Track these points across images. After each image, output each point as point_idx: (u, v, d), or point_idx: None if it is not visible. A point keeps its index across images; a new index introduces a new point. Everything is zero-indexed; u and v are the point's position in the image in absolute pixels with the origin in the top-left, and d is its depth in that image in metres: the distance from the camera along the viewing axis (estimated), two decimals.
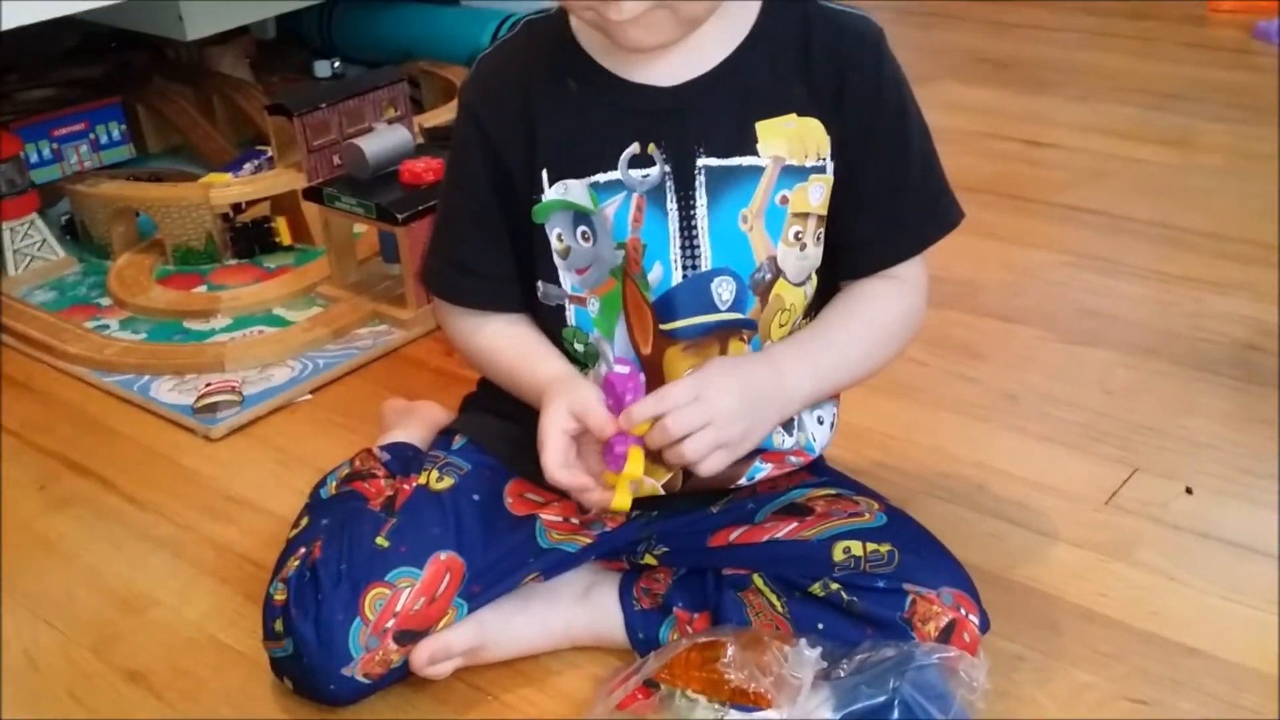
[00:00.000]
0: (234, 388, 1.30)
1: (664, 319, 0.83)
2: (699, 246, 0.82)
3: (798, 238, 0.83)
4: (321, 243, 1.52)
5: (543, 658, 0.92)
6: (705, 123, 0.81)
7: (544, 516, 0.90)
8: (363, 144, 1.41)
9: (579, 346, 0.86)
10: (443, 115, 1.75)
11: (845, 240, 0.86)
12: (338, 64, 2.15)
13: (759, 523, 0.90)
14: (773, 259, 0.83)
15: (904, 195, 0.86)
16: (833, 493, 0.92)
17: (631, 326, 0.84)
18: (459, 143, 0.89)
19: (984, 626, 0.85)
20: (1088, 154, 1.78)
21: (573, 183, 0.83)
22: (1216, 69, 2.09)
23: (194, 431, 1.25)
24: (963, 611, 0.83)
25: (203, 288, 1.53)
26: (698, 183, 0.81)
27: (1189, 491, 1.05)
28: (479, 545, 0.88)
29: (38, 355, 1.41)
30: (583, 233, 0.83)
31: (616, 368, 0.80)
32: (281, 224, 1.59)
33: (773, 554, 0.88)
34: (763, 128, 0.81)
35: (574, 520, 0.91)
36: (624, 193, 0.82)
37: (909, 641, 0.81)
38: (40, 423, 1.29)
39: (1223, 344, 1.28)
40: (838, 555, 0.86)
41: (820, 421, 0.92)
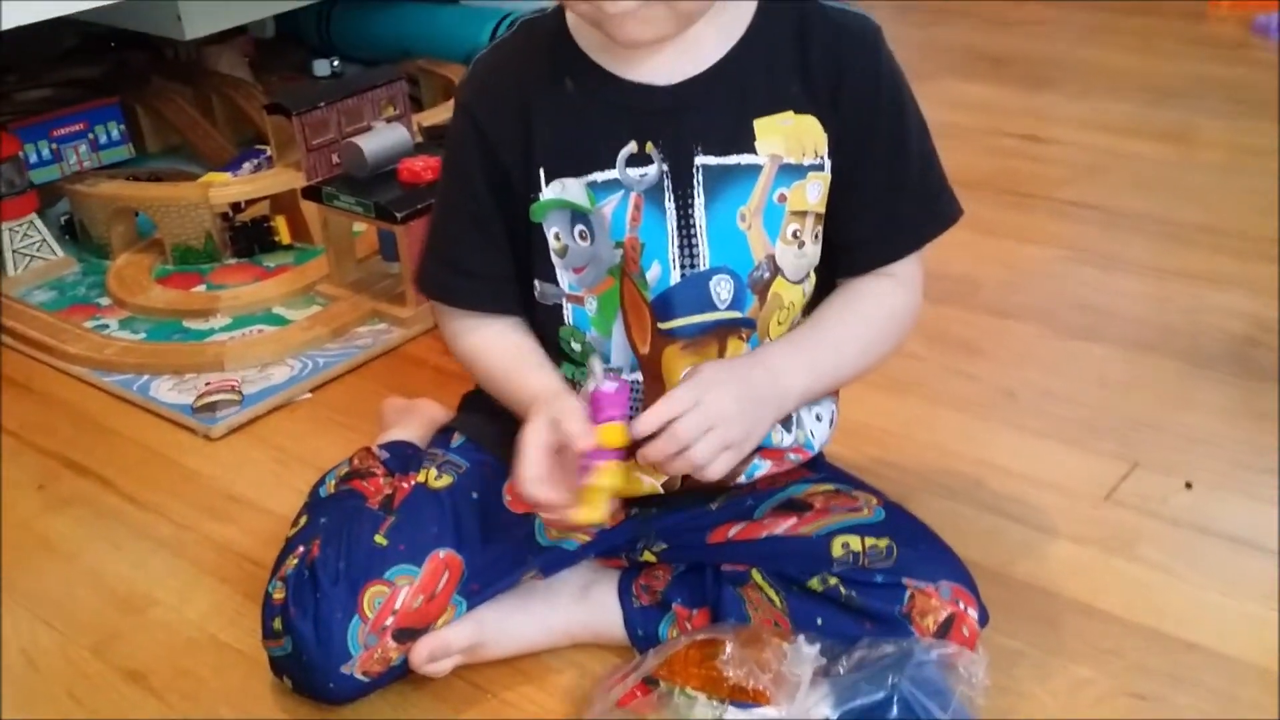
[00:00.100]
0: (233, 387, 1.30)
1: (662, 318, 0.83)
2: (697, 245, 0.82)
3: (795, 236, 0.83)
4: (321, 241, 1.52)
5: (542, 655, 0.92)
6: (703, 121, 0.81)
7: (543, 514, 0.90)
8: (361, 143, 1.41)
9: (576, 345, 0.86)
10: (441, 114, 1.75)
11: (843, 238, 0.86)
12: (336, 63, 2.15)
13: (758, 519, 0.90)
14: (771, 257, 0.83)
15: (902, 193, 0.86)
16: (831, 488, 0.92)
17: (629, 325, 0.84)
18: (455, 142, 0.88)
19: (983, 620, 0.85)
20: (1087, 150, 1.78)
21: (570, 181, 0.82)
22: (1215, 64, 2.09)
23: (194, 431, 1.25)
24: (961, 606, 0.83)
25: (202, 287, 1.53)
26: (695, 181, 0.81)
27: (1188, 487, 1.05)
28: (478, 543, 0.88)
29: (37, 355, 1.41)
30: (580, 232, 0.83)
31: (605, 384, 0.78)
32: (281, 223, 1.59)
33: (772, 550, 0.88)
34: (760, 125, 0.81)
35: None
36: (622, 192, 0.82)
37: (908, 638, 0.82)
38: (40, 423, 1.29)
39: (1221, 339, 1.28)
40: (836, 550, 0.86)
41: (819, 419, 0.92)
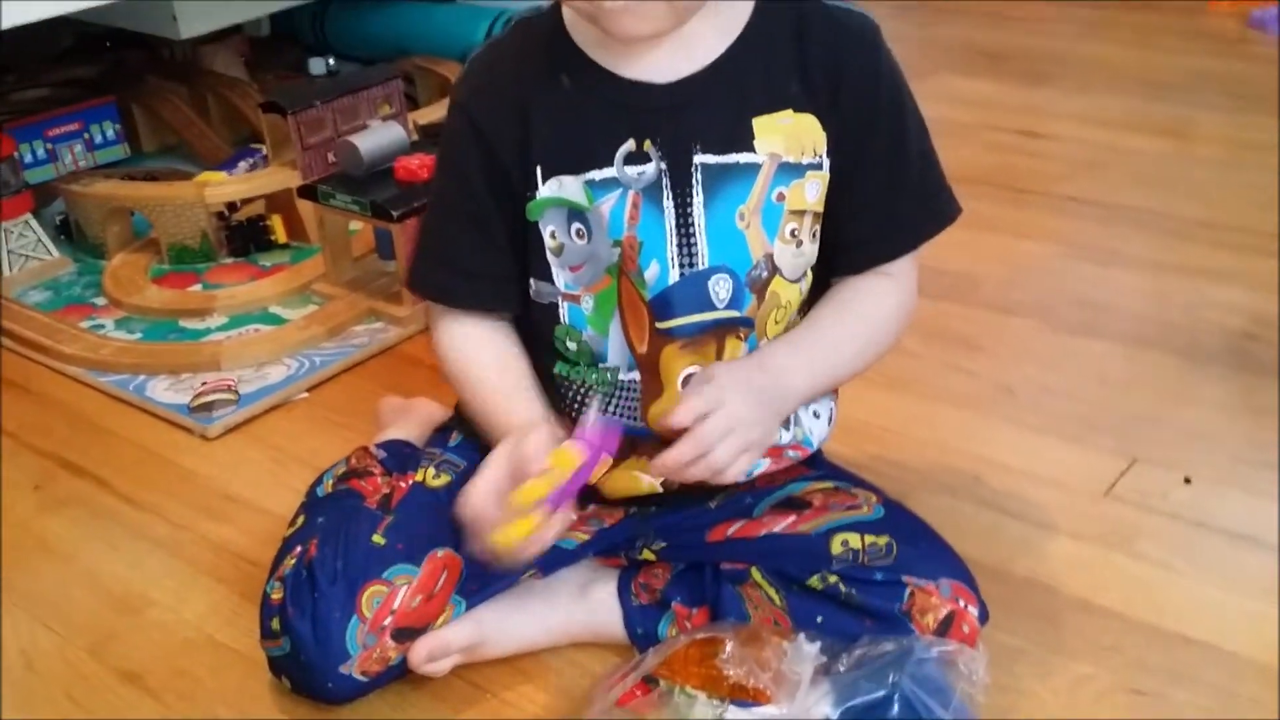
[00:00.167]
0: (230, 386, 1.30)
1: (661, 317, 0.83)
2: (696, 244, 0.82)
3: (794, 235, 0.83)
4: (317, 240, 1.51)
5: (541, 654, 0.91)
6: (701, 119, 0.80)
7: None
8: (357, 141, 1.41)
9: (572, 344, 0.86)
10: (437, 112, 1.75)
11: (841, 237, 0.85)
12: (332, 61, 2.14)
13: (757, 517, 0.90)
14: (769, 256, 0.83)
15: (901, 192, 0.85)
16: (830, 486, 0.91)
17: (627, 324, 0.84)
18: (451, 141, 0.87)
19: (983, 618, 0.84)
20: (1085, 145, 1.78)
21: (567, 179, 0.82)
22: (1213, 59, 2.09)
23: (190, 431, 1.25)
24: (961, 603, 0.83)
25: (198, 286, 1.53)
26: (694, 180, 0.81)
27: (1187, 482, 1.05)
28: None
29: (33, 355, 1.41)
30: (577, 230, 0.83)
31: (593, 422, 0.76)
32: (277, 222, 1.59)
33: (771, 548, 0.88)
34: (759, 124, 0.81)
35: (572, 516, 0.90)
36: (620, 190, 0.81)
37: (908, 635, 0.81)
38: (36, 423, 1.29)
39: (1220, 334, 1.27)
40: (836, 548, 0.86)
41: (817, 416, 0.91)
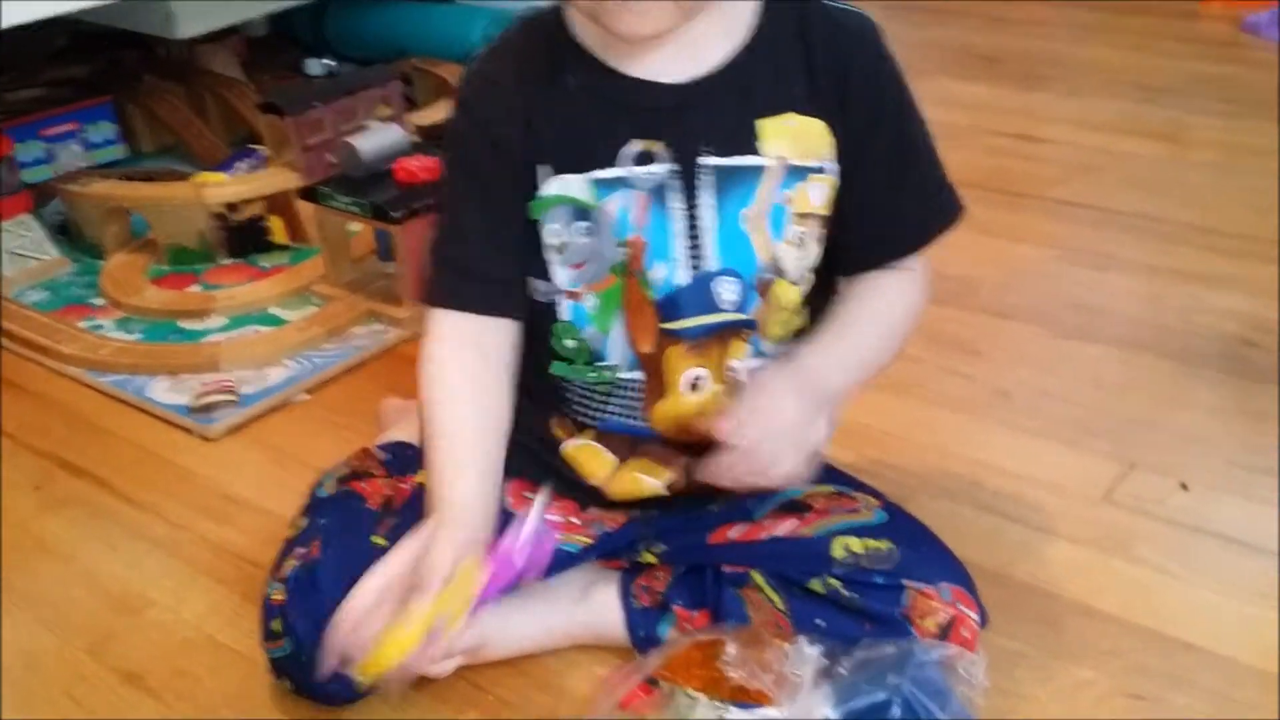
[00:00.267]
0: (230, 388, 1.29)
1: (668, 318, 0.83)
2: (703, 246, 0.82)
3: (799, 238, 0.83)
4: (316, 242, 1.51)
5: (543, 656, 0.92)
6: (709, 121, 0.80)
7: (545, 516, 0.90)
8: (357, 142, 1.41)
9: (570, 343, 0.85)
10: (436, 113, 1.75)
11: (853, 235, 0.86)
12: (329, 62, 2.14)
13: (758, 520, 0.90)
14: (774, 259, 0.83)
15: (911, 189, 0.86)
16: (831, 490, 0.92)
17: (630, 324, 0.84)
18: (458, 142, 0.86)
19: (983, 622, 0.85)
20: (1080, 149, 1.79)
21: (571, 178, 0.82)
22: (1207, 63, 2.10)
23: (190, 431, 1.25)
24: (961, 608, 0.83)
25: (197, 287, 1.53)
26: (703, 182, 0.81)
27: (1184, 488, 1.06)
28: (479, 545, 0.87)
29: (32, 356, 1.41)
30: (582, 228, 0.82)
31: (525, 536, 0.73)
32: (276, 223, 1.59)
33: (772, 551, 0.88)
34: (765, 127, 0.81)
35: (574, 520, 0.90)
36: (626, 190, 0.81)
37: (909, 638, 0.82)
38: (35, 423, 1.29)
39: (1216, 339, 1.28)
40: (837, 552, 0.86)
41: None
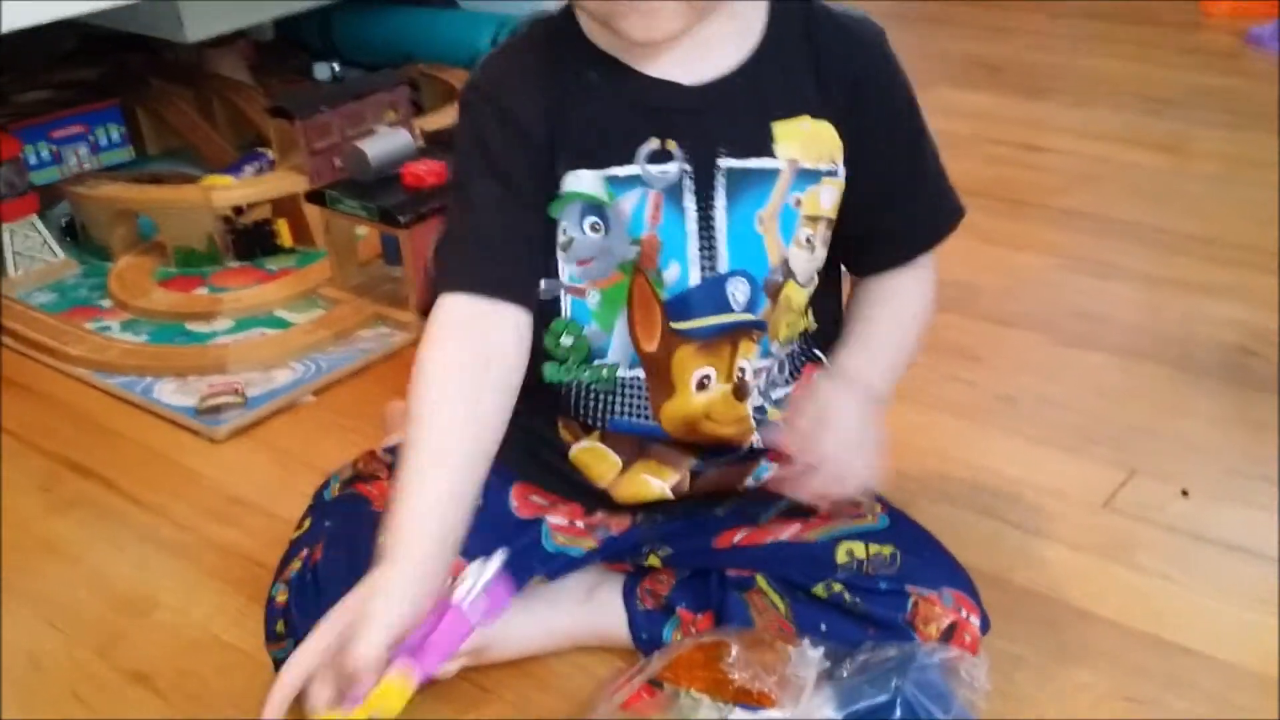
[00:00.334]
0: (236, 389, 1.30)
1: (678, 318, 0.83)
2: (716, 247, 0.82)
3: (808, 240, 0.84)
4: (323, 245, 1.52)
5: (547, 657, 0.92)
6: (726, 123, 0.80)
7: (550, 520, 0.90)
8: (364, 146, 1.42)
9: (567, 340, 0.84)
10: (443, 118, 1.76)
11: (870, 235, 0.87)
12: (336, 67, 2.15)
13: (762, 524, 0.90)
14: (785, 261, 0.83)
15: (924, 186, 0.88)
16: None
17: (634, 322, 0.83)
18: (478, 131, 0.82)
19: (984, 627, 0.85)
20: (1083, 158, 1.79)
21: (585, 174, 0.80)
22: (1211, 74, 2.10)
23: (197, 433, 1.26)
24: (963, 613, 0.84)
25: (204, 290, 1.54)
26: (718, 183, 0.81)
27: (1184, 494, 1.06)
28: (483, 548, 0.86)
29: (39, 357, 1.42)
30: (592, 224, 0.81)
31: (473, 594, 0.70)
32: (283, 226, 1.59)
33: (776, 555, 0.89)
34: (779, 129, 0.81)
35: (580, 524, 0.91)
36: (641, 188, 0.80)
37: (911, 642, 0.82)
38: (42, 425, 1.29)
39: (1216, 348, 1.28)
40: (840, 557, 0.87)
41: None
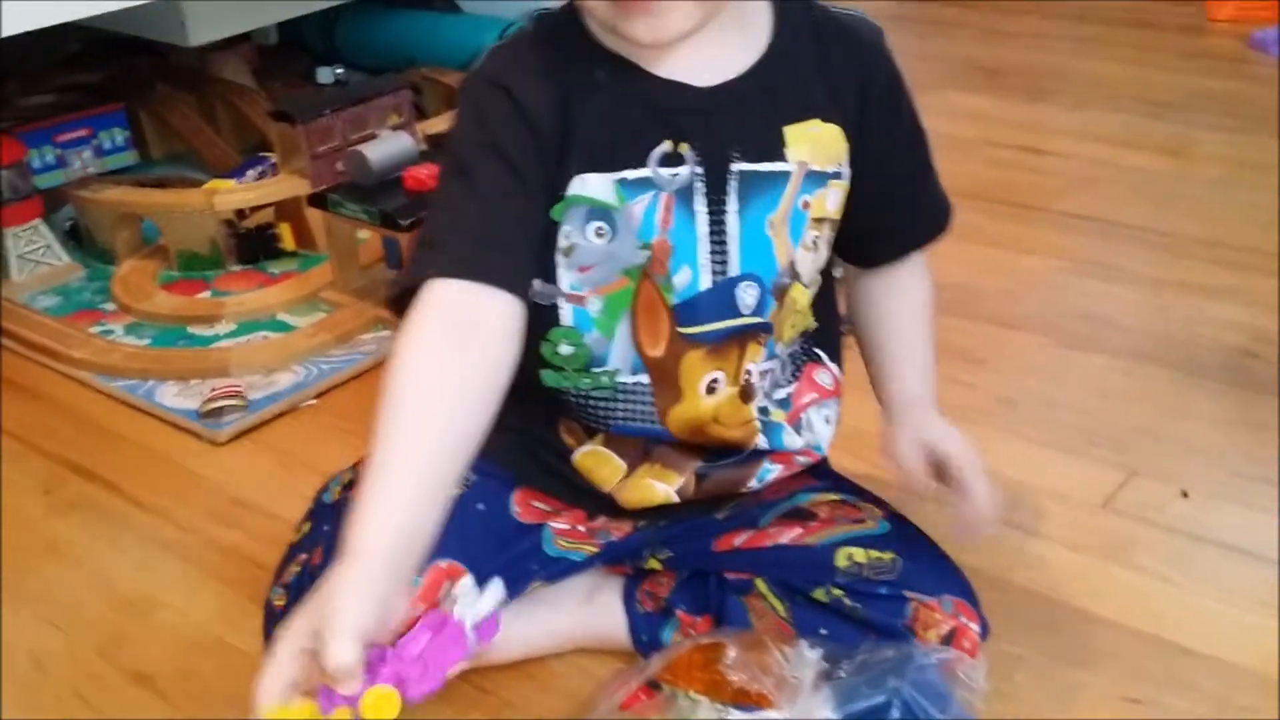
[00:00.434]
0: (239, 392, 1.31)
1: (687, 323, 0.82)
2: (728, 251, 0.81)
3: (814, 243, 0.84)
4: (325, 248, 1.52)
5: (547, 659, 0.92)
6: (738, 126, 0.80)
7: (552, 525, 0.90)
8: (367, 150, 1.42)
9: (567, 349, 0.83)
10: (445, 122, 1.76)
11: (877, 229, 0.88)
12: (340, 71, 2.16)
13: (763, 527, 0.90)
14: (792, 263, 0.83)
15: (926, 181, 0.89)
16: (836, 498, 0.92)
17: (639, 327, 0.82)
18: (482, 117, 0.78)
19: (984, 634, 0.85)
20: (1085, 161, 1.79)
21: (592, 177, 0.78)
22: (1213, 78, 2.10)
23: (199, 436, 1.26)
24: (963, 619, 0.84)
25: (207, 293, 1.54)
26: (730, 186, 0.80)
27: (1185, 495, 1.06)
28: (483, 553, 0.86)
29: (42, 360, 1.42)
30: (597, 229, 0.80)
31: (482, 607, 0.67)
32: (285, 230, 1.60)
33: (776, 559, 0.89)
34: (790, 133, 0.80)
35: (581, 529, 0.91)
36: (652, 191, 0.79)
37: (909, 642, 0.82)
38: (45, 427, 1.30)
39: (1218, 350, 1.28)
40: (840, 562, 0.86)
41: (827, 421, 0.92)
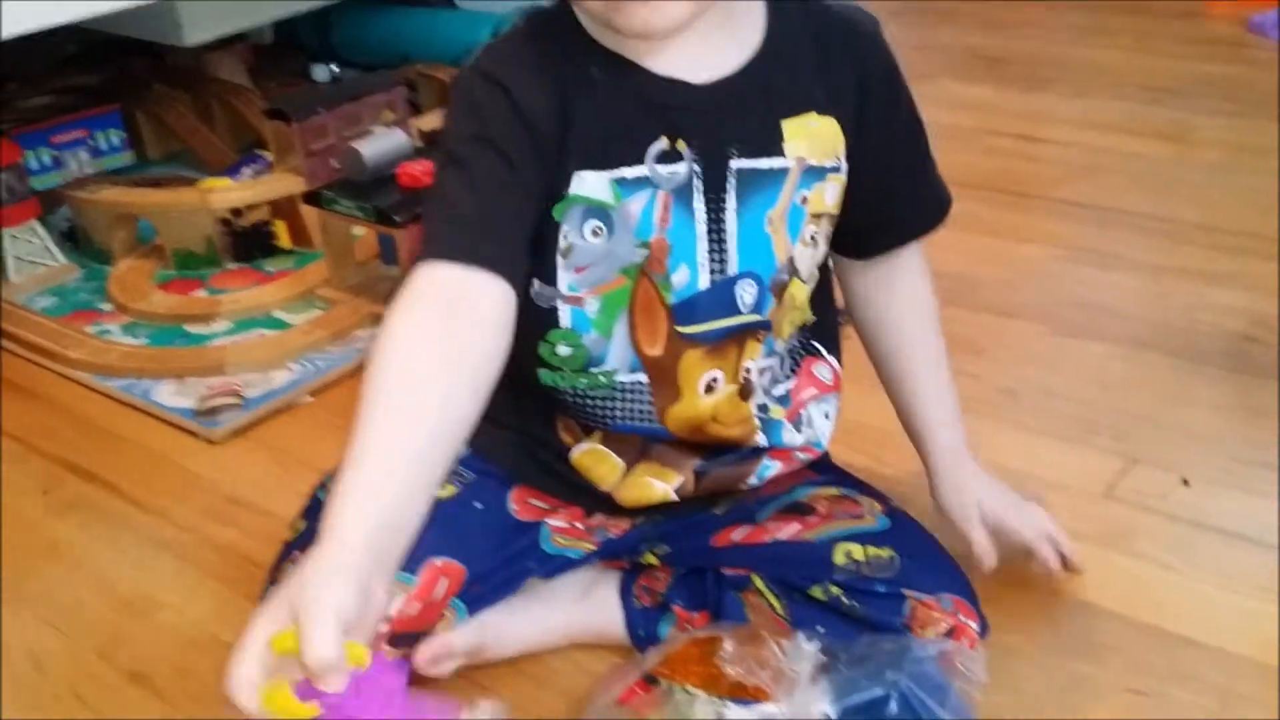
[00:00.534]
0: (235, 390, 1.30)
1: (685, 322, 0.81)
2: (726, 249, 0.80)
3: (813, 238, 0.83)
4: (320, 246, 1.52)
5: (544, 655, 0.92)
6: (736, 122, 0.79)
7: (550, 522, 0.90)
8: (360, 147, 1.42)
9: (564, 350, 0.82)
10: (440, 118, 1.76)
11: (878, 219, 0.88)
12: (335, 68, 2.15)
13: (761, 522, 0.90)
14: (791, 259, 0.83)
15: (924, 171, 0.89)
16: (836, 493, 0.92)
17: (636, 326, 0.81)
18: (478, 110, 0.76)
19: (983, 632, 0.85)
20: (1084, 149, 1.79)
21: (589, 175, 0.77)
22: (1212, 63, 2.09)
23: (196, 434, 1.26)
24: (962, 618, 0.84)
25: (203, 292, 1.54)
26: (729, 185, 0.79)
27: (1185, 483, 1.06)
28: (479, 551, 0.87)
29: (40, 361, 1.42)
30: (593, 228, 0.79)
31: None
32: (281, 227, 1.60)
33: (774, 554, 0.88)
34: (788, 127, 0.80)
35: (579, 526, 0.90)
36: (650, 190, 0.78)
37: (907, 635, 0.82)
38: (43, 428, 1.30)
39: (1218, 336, 1.28)
40: (838, 558, 0.86)
41: (826, 416, 0.91)
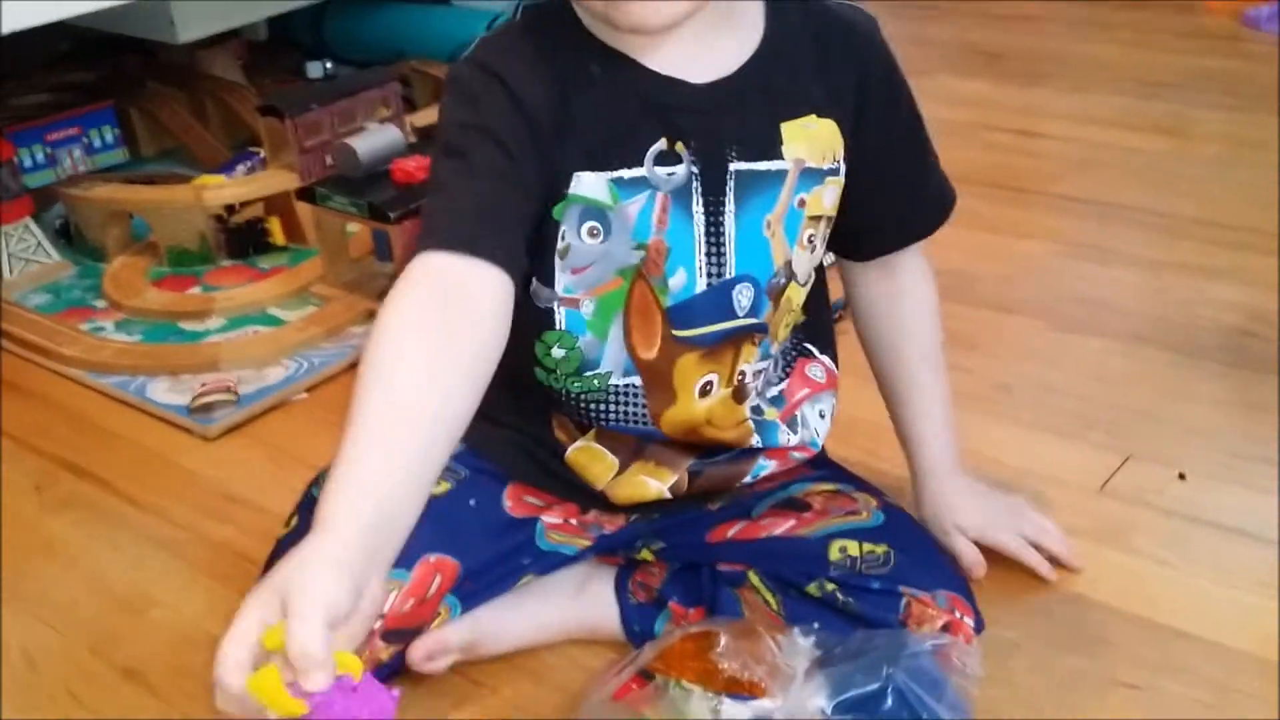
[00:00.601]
0: (229, 387, 1.30)
1: (681, 326, 0.80)
2: (724, 252, 0.79)
3: (810, 240, 0.83)
4: (315, 242, 1.52)
5: (539, 651, 0.92)
6: (736, 124, 0.78)
7: (545, 519, 0.90)
8: (354, 143, 1.41)
9: (559, 352, 0.82)
10: (434, 114, 1.75)
11: (880, 220, 0.87)
12: (329, 65, 2.15)
13: (756, 518, 0.90)
14: (788, 263, 0.82)
15: (925, 169, 0.89)
16: (832, 488, 0.92)
17: (631, 329, 0.81)
18: (476, 103, 0.75)
19: (979, 628, 0.85)
20: (1081, 144, 1.78)
21: (587, 175, 0.76)
22: (1208, 57, 2.09)
23: (190, 431, 1.25)
24: (957, 614, 0.83)
25: (197, 289, 1.53)
26: (728, 187, 0.78)
27: (1182, 477, 1.06)
28: (474, 548, 0.86)
29: (34, 358, 1.42)
30: (590, 229, 0.78)
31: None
32: (275, 224, 1.59)
33: (769, 550, 0.88)
34: (787, 129, 0.79)
35: (574, 522, 0.90)
36: (648, 191, 0.77)
37: (902, 630, 0.82)
38: (37, 425, 1.29)
39: (1216, 330, 1.28)
40: (834, 555, 0.86)
41: (822, 416, 0.91)
